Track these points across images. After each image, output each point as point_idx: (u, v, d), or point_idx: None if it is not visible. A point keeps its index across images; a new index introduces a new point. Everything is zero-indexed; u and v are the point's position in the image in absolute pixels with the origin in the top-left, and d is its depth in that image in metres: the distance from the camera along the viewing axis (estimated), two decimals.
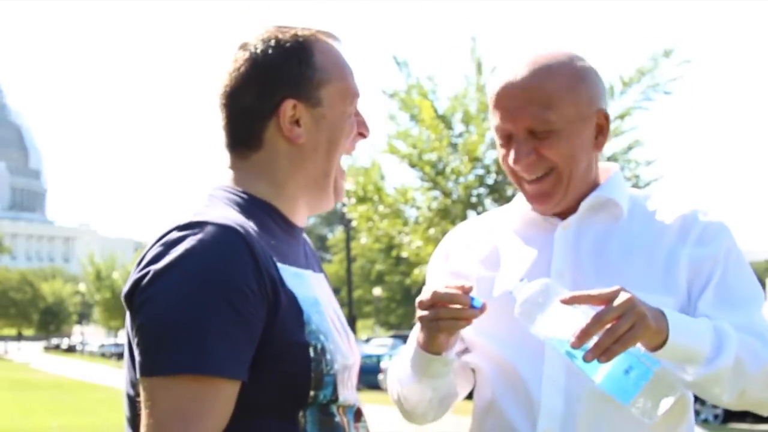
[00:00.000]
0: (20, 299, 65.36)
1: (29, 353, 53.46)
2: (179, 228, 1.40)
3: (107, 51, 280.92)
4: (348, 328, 1.69)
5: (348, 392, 1.56)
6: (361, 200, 14.16)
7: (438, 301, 1.56)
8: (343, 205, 16.70)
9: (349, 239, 26.58)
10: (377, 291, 51.24)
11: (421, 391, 1.74)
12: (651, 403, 1.45)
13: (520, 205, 1.83)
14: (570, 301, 1.45)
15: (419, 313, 1.60)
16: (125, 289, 1.42)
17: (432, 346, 1.63)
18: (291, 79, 1.52)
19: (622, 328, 1.42)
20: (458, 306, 1.56)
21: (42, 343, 67.89)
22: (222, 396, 1.35)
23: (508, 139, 1.71)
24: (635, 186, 13.37)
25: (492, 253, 1.83)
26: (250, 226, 1.45)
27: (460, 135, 13.54)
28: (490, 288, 1.77)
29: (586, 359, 1.42)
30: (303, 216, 1.63)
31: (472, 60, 13.59)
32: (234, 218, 1.43)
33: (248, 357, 1.38)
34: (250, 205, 1.53)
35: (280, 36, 1.55)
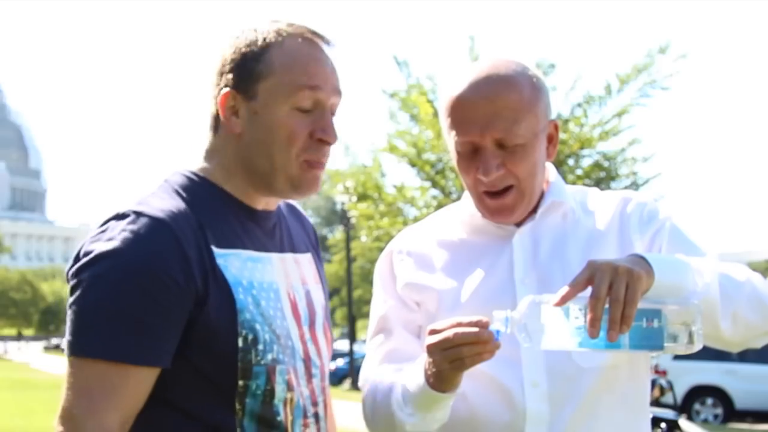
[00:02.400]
0: (20, 299, 65.33)
1: (29, 353, 53.39)
2: (117, 217, 1.49)
3: (107, 51, 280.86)
4: (321, 314, 1.70)
5: (302, 387, 1.58)
6: (362, 198, 14.17)
7: (460, 342, 1.49)
8: (343, 204, 16.69)
9: (349, 239, 26.54)
10: None
11: (426, 427, 1.68)
12: (682, 335, 1.43)
13: (464, 212, 1.81)
14: (562, 302, 1.44)
15: (437, 355, 1.52)
16: (67, 268, 1.51)
17: (448, 385, 1.58)
18: (236, 70, 1.56)
19: (620, 292, 1.41)
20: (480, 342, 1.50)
21: (42, 343, 67.84)
22: (130, 380, 1.43)
23: (473, 152, 1.68)
24: (634, 183, 13.37)
25: (449, 264, 1.81)
26: (189, 215, 1.51)
27: None
28: (455, 301, 1.75)
29: (611, 339, 1.41)
30: (265, 201, 1.64)
31: (471, 59, 13.58)
32: (170, 209, 1.50)
33: (167, 345, 1.46)
34: (199, 190, 1.58)
35: (258, 29, 1.58)
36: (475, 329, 1.49)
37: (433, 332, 1.53)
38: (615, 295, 1.41)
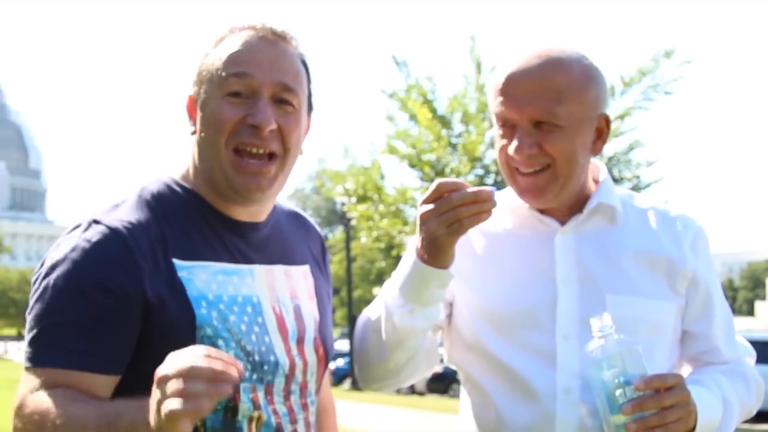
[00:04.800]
0: (20, 299, 65.21)
1: None
2: (77, 226, 1.49)
3: (107, 51, 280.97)
4: (312, 329, 1.65)
5: (277, 404, 1.54)
6: (362, 199, 14.16)
7: (459, 203, 1.50)
8: (343, 204, 16.68)
9: (349, 239, 26.56)
10: (377, 291, 51.04)
11: (413, 323, 1.64)
12: None
13: (510, 201, 1.78)
14: (645, 387, 1.47)
15: (433, 221, 1.52)
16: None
17: (442, 256, 1.57)
18: (194, 74, 1.58)
19: (672, 416, 1.48)
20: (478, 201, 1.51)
21: None
22: (78, 387, 1.39)
23: (510, 128, 1.67)
24: (635, 186, 13.36)
25: (488, 252, 1.78)
26: (150, 227, 1.49)
27: (460, 135, 13.54)
28: (494, 292, 1.74)
29: (628, 430, 1.47)
30: (246, 211, 1.60)
31: (472, 60, 13.58)
32: (129, 220, 1.48)
33: (113, 351, 1.43)
34: (175, 200, 1.56)
35: (218, 32, 1.59)
36: (475, 188, 1.50)
37: (425, 202, 1.53)
38: (667, 414, 1.48)
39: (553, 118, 1.63)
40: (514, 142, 1.64)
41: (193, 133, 1.58)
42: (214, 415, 1.47)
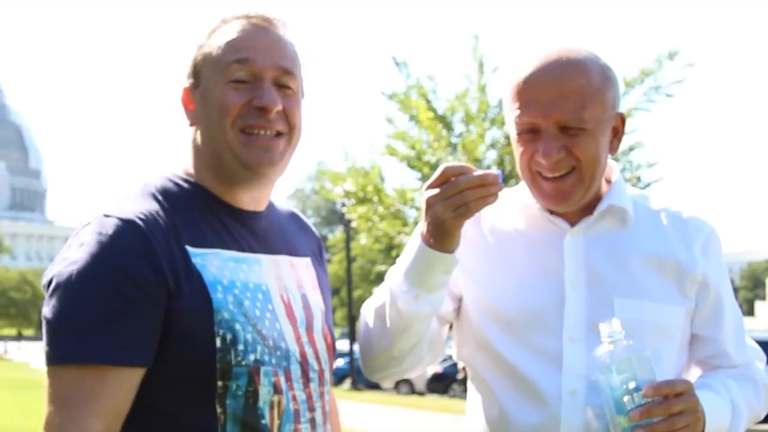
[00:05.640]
0: (20, 299, 65.27)
1: (29, 353, 53.30)
2: (88, 224, 1.49)
3: (107, 51, 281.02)
4: (320, 318, 1.67)
5: (297, 390, 1.55)
6: (361, 201, 14.17)
7: (466, 187, 1.51)
8: (343, 205, 16.70)
9: (349, 239, 26.57)
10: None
11: (417, 309, 1.63)
12: None
13: (521, 201, 1.77)
14: (654, 394, 1.47)
15: (439, 205, 1.52)
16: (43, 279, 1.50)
17: (448, 240, 1.56)
18: (188, 65, 1.61)
19: (679, 423, 1.48)
20: (484, 185, 1.52)
21: (42, 343, 67.60)
22: (108, 382, 1.40)
23: (533, 134, 1.65)
24: (635, 187, 13.39)
25: (497, 251, 1.78)
26: (161, 216, 1.50)
27: (460, 135, 13.54)
28: (501, 292, 1.73)
29: None
30: (247, 198, 1.62)
31: (474, 59, 13.57)
32: (140, 210, 1.49)
33: (141, 342, 1.43)
34: (179, 192, 1.58)
35: (211, 23, 1.62)
36: (481, 172, 1.51)
37: (431, 186, 1.54)
38: (674, 420, 1.48)
39: (578, 123, 1.62)
40: (541, 147, 1.63)
41: (191, 124, 1.60)
42: (235, 402, 1.47)
